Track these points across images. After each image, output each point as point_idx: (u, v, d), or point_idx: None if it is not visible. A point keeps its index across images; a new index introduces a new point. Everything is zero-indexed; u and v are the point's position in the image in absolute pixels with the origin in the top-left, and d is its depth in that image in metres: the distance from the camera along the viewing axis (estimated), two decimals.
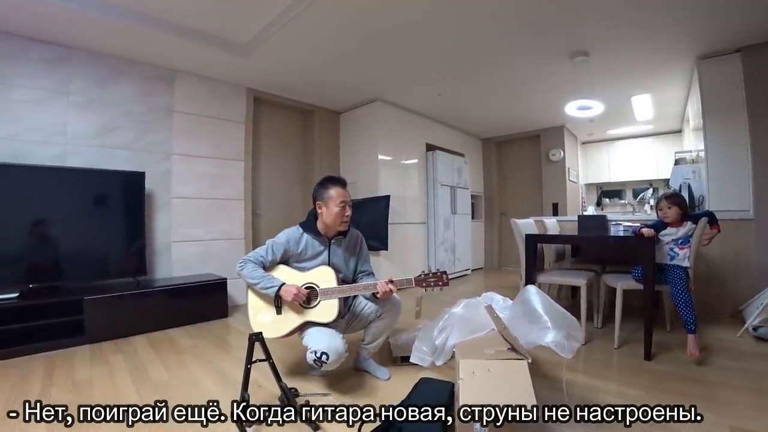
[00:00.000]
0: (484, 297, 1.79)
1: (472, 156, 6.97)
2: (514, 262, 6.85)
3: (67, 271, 3.11)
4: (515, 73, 4.21)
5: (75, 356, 2.64)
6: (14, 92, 3.04)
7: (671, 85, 4.49)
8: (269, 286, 2.01)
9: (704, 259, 3.44)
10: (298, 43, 3.42)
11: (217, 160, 4.14)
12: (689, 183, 4.15)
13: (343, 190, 2.15)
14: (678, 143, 6.30)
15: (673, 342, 2.73)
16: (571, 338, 1.38)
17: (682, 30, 3.25)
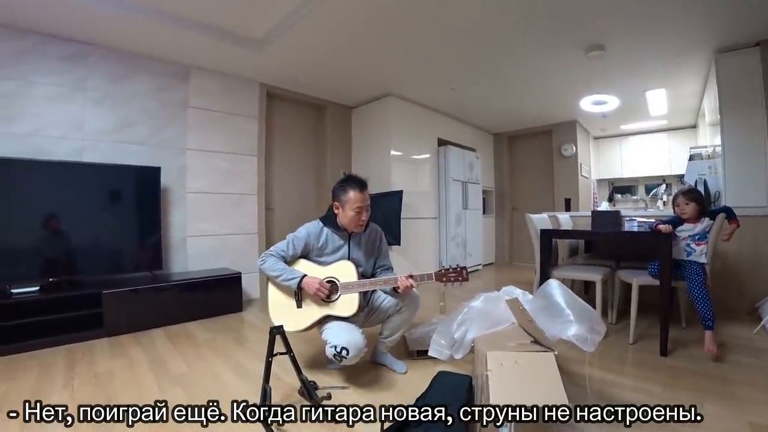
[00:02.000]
0: (504, 291, 1.79)
1: (484, 151, 6.95)
2: (525, 258, 6.86)
3: (85, 265, 3.16)
4: (530, 68, 4.17)
5: (95, 349, 2.69)
6: (34, 89, 3.08)
7: (687, 79, 4.43)
8: (291, 278, 2.03)
9: (720, 255, 3.40)
10: (312, 38, 3.42)
11: (231, 155, 4.17)
12: (705, 179, 4.10)
13: (361, 194, 2.10)
14: (692, 138, 6.21)
15: (688, 338, 2.72)
16: (593, 332, 1.39)
17: (700, 23, 3.20)
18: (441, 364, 2.15)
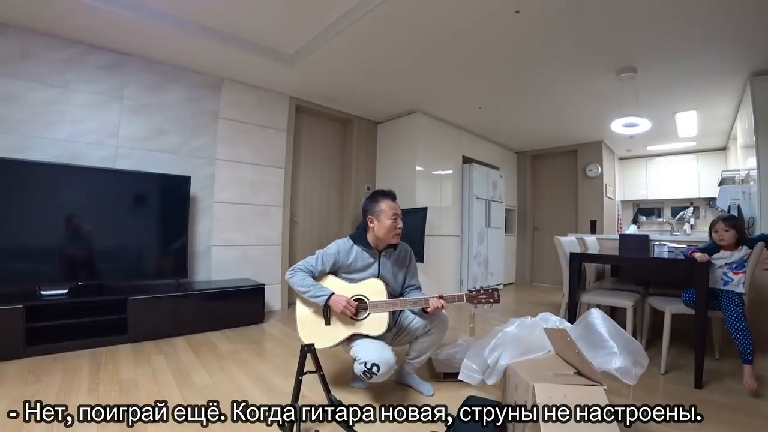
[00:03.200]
0: (541, 318, 1.75)
1: (506, 169, 6.90)
2: (546, 279, 6.75)
3: (113, 270, 3.22)
4: (560, 89, 4.16)
5: (118, 354, 2.71)
6: (74, 96, 3.18)
7: (719, 101, 4.35)
8: (319, 295, 2.02)
9: (756, 285, 3.25)
10: (344, 54, 3.47)
11: (259, 166, 4.21)
12: (739, 204, 3.98)
13: (393, 202, 2.15)
14: (721, 161, 6.09)
15: (723, 371, 2.62)
16: (637, 365, 1.34)
17: (735, 46, 3.15)
18: (467, 387, 2.10)
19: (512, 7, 2.70)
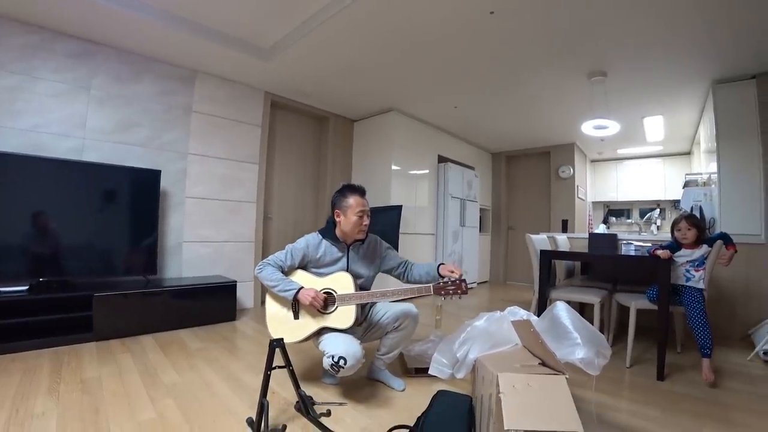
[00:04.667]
0: (509, 311, 1.78)
1: (482, 169, 7.00)
2: (520, 277, 6.87)
3: (78, 266, 3.10)
4: (533, 90, 4.24)
5: (82, 353, 2.62)
6: (39, 84, 3.05)
7: (685, 107, 4.52)
8: (288, 289, 2.01)
9: (714, 281, 3.42)
10: (319, 51, 3.45)
11: (232, 161, 4.15)
12: (701, 205, 4.15)
13: (362, 199, 2.15)
14: (686, 165, 6.32)
15: (684, 363, 2.73)
16: (600, 356, 1.38)
17: (700, 55, 3.29)
18: (439, 382, 2.12)
19: (487, 8, 2.74)
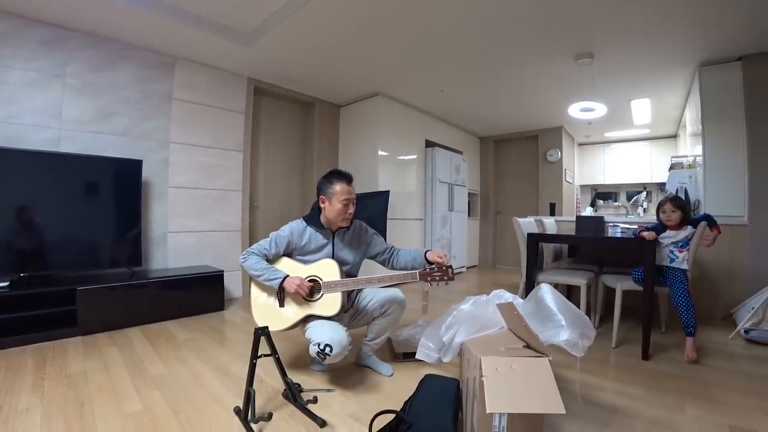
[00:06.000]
0: (494, 295, 1.78)
1: (470, 154, 6.98)
2: (508, 261, 6.92)
3: (60, 260, 3.04)
4: (520, 72, 4.20)
5: (67, 348, 2.58)
6: (9, 74, 2.94)
7: (671, 90, 4.53)
8: (272, 278, 1.99)
9: (698, 262, 3.48)
10: (303, 33, 3.37)
11: (216, 150, 4.07)
12: (686, 187, 4.19)
13: (348, 186, 2.11)
14: (672, 148, 6.37)
15: (668, 343, 2.78)
16: (584, 337, 1.38)
17: (686, 36, 3.28)
18: (426, 367, 2.13)
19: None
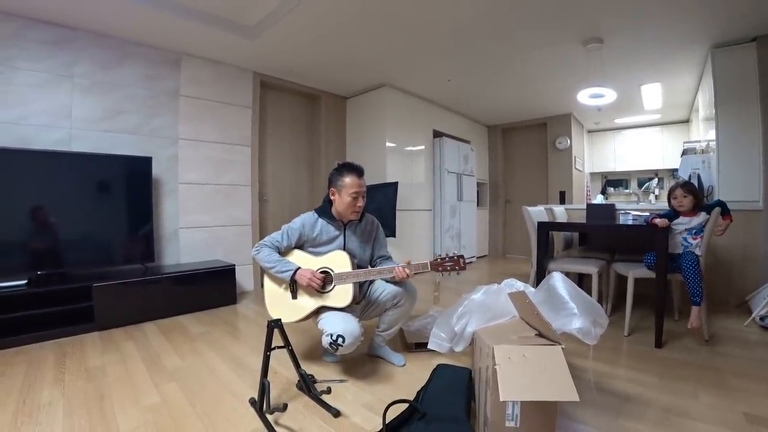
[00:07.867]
0: (505, 284, 1.78)
1: (478, 143, 6.93)
2: (518, 250, 6.89)
3: (75, 257, 3.09)
4: (528, 60, 4.14)
5: (85, 343, 2.64)
6: (17, 75, 2.96)
7: (682, 73, 4.44)
8: (285, 270, 2.01)
9: (712, 249, 3.42)
10: (307, 26, 3.35)
11: (224, 145, 4.09)
12: (699, 173, 4.12)
13: (358, 179, 2.11)
14: (685, 133, 6.27)
15: (682, 330, 2.74)
16: (597, 325, 1.38)
17: (697, 18, 3.20)
18: (438, 357, 2.14)
19: None
